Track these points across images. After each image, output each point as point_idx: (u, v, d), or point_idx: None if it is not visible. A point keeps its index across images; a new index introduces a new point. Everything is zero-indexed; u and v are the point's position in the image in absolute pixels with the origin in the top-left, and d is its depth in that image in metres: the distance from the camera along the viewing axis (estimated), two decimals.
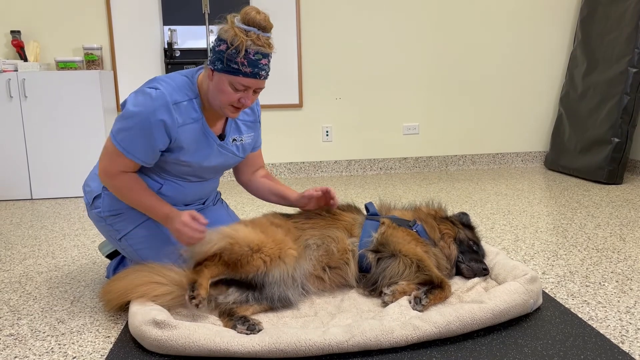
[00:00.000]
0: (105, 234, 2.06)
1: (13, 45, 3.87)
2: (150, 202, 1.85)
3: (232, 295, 1.78)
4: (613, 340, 1.59)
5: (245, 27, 1.69)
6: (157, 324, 1.56)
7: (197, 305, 1.62)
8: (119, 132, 1.78)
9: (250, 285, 1.80)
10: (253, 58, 1.70)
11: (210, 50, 1.78)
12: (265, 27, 1.71)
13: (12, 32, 3.89)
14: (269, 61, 1.76)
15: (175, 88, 1.80)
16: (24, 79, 3.66)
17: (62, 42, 4.06)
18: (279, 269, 1.80)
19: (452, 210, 2.95)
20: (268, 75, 1.78)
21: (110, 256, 2.21)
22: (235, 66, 1.70)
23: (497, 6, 4.44)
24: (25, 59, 3.88)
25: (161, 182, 1.94)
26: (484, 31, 4.47)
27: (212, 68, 1.75)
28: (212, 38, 4.10)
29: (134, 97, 1.78)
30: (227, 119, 1.96)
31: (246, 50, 1.68)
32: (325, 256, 1.93)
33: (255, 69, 1.72)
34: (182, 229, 1.76)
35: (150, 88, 1.77)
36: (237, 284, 1.81)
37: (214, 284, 1.78)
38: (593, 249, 2.45)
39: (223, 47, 1.70)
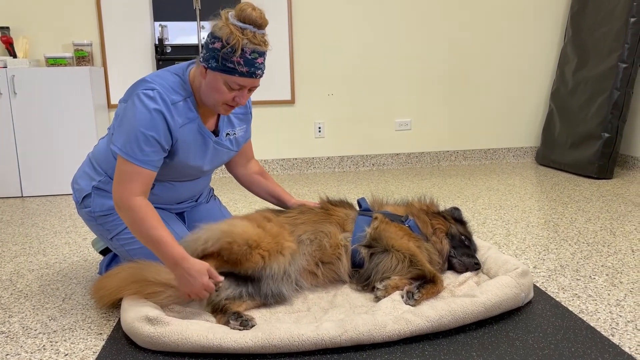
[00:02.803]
0: (96, 233, 2.04)
1: (2, 41, 3.83)
2: (163, 236, 1.63)
3: (225, 292, 1.78)
4: (603, 333, 1.60)
5: (240, 24, 1.62)
6: (150, 320, 1.56)
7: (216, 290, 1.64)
8: (126, 144, 1.68)
9: (245, 280, 1.80)
10: (249, 57, 1.64)
11: (203, 46, 1.73)
12: (261, 25, 1.65)
13: (1, 28, 3.86)
14: (264, 59, 1.70)
15: (168, 88, 1.74)
16: (13, 76, 3.63)
17: (52, 38, 4.03)
18: (277, 263, 1.81)
19: (444, 205, 2.96)
20: (263, 73, 1.73)
21: (103, 252, 2.20)
22: (231, 65, 1.64)
23: (488, 2, 4.45)
24: (14, 56, 3.85)
25: (154, 183, 1.92)
26: (476, 27, 4.48)
27: (206, 66, 1.68)
28: (204, 34, 4.08)
29: (131, 105, 1.69)
30: (219, 114, 1.94)
31: (242, 50, 1.62)
32: (318, 251, 1.93)
33: (252, 69, 1.66)
34: (194, 280, 1.62)
35: (145, 90, 1.69)
36: (233, 277, 1.80)
37: None
38: (584, 243, 2.47)
39: (218, 45, 1.64)
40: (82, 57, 3.90)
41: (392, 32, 4.39)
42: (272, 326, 1.54)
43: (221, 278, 1.68)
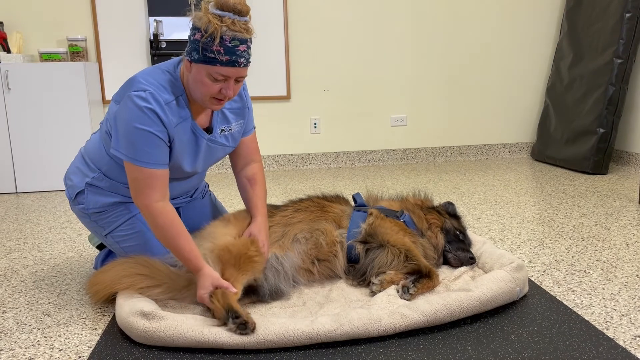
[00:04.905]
0: (90, 229, 2.03)
1: None
2: (183, 247, 1.69)
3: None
4: (598, 327, 1.61)
5: (219, 12, 1.59)
6: (145, 315, 1.56)
7: (253, 330, 1.51)
8: (130, 149, 1.66)
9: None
10: (230, 45, 1.60)
11: (188, 40, 1.70)
12: (241, 11, 1.61)
13: None
14: (248, 47, 1.65)
15: (160, 88, 1.69)
16: (7, 71, 3.60)
17: (46, 33, 4.00)
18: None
19: (439, 201, 2.96)
20: (249, 62, 1.68)
21: (100, 247, 2.19)
22: (212, 55, 1.60)
23: None
24: (8, 51, 3.82)
25: None
26: (471, 23, 4.47)
27: (190, 59, 1.65)
28: None
29: (124, 107, 1.66)
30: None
31: (221, 37, 1.59)
32: (314, 249, 1.93)
33: (233, 57, 1.62)
34: (199, 291, 1.66)
35: (137, 91, 1.65)
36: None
37: None
38: (578, 237, 2.48)
39: (198, 35, 1.61)
40: (76, 53, 3.88)
41: (388, 28, 4.38)
42: (267, 321, 1.54)
43: (233, 289, 1.64)
